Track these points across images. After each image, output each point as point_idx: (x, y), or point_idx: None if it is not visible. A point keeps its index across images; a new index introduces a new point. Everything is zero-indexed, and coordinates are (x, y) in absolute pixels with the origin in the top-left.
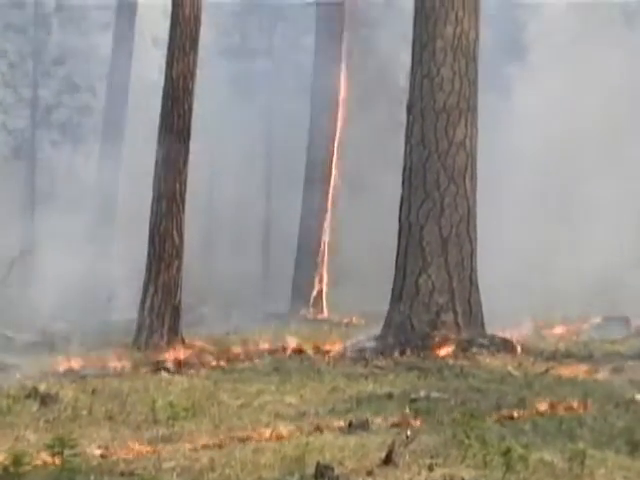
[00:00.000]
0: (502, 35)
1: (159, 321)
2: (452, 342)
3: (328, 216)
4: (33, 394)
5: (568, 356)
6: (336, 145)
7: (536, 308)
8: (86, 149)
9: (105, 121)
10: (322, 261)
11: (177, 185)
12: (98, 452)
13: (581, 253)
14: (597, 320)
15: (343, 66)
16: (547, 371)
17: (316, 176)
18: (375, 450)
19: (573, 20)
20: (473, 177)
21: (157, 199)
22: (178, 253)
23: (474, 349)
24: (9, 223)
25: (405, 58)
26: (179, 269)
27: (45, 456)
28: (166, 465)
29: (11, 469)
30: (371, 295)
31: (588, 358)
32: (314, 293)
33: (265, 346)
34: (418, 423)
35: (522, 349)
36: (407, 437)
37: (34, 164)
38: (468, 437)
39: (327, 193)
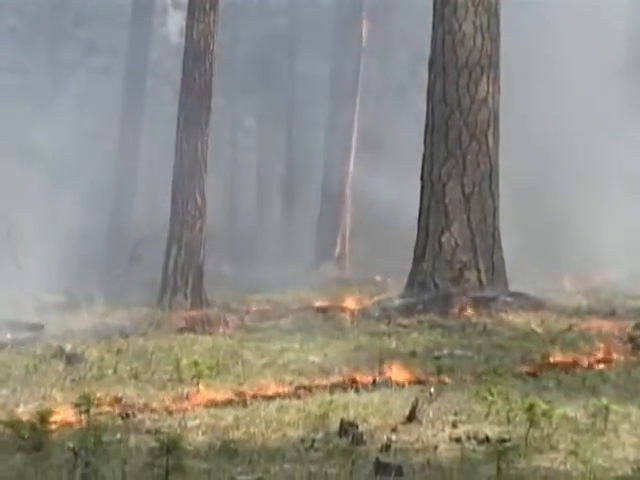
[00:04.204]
0: None
1: (183, 281)
2: (475, 299)
3: (350, 172)
4: (59, 354)
5: (591, 313)
6: (358, 101)
7: (559, 265)
8: (107, 110)
9: (126, 83)
10: (345, 220)
11: (199, 145)
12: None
13: (605, 213)
14: (620, 276)
15: (364, 23)
16: (570, 328)
17: (338, 132)
18: (399, 407)
19: None
20: (495, 134)
21: (179, 159)
22: (201, 213)
23: (497, 306)
24: (32, 185)
25: (427, 15)
26: (202, 229)
27: (72, 414)
28: (191, 423)
29: (38, 427)
30: (394, 254)
31: (611, 314)
32: (337, 252)
33: (288, 305)
34: (442, 380)
35: (545, 306)
36: (430, 394)
37: (56, 126)
38: (491, 394)
39: (349, 150)
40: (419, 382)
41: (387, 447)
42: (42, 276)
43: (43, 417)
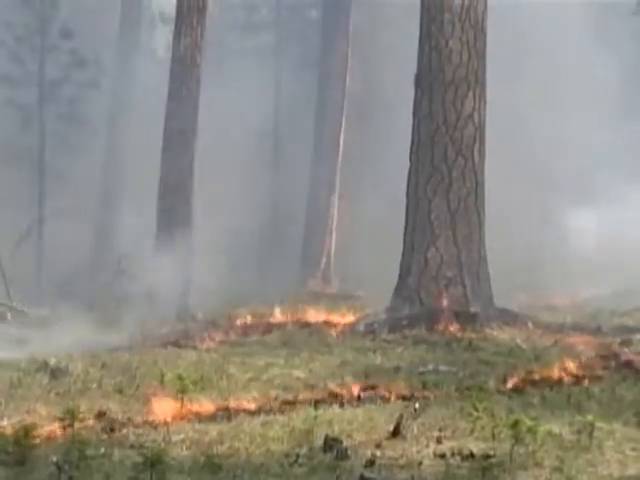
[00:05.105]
0: None
1: (169, 295)
2: (460, 315)
3: (336, 187)
4: (43, 367)
5: (576, 329)
6: (344, 117)
7: (544, 281)
8: (94, 124)
9: (113, 96)
10: (331, 234)
11: (185, 158)
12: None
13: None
14: (605, 292)
15: (350, 39)
16: (555, 344)
17: (324, 148)
18: (383, 423)
19: None
20: (481, 150)
21: (165, 173)
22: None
23: (482, 322)
24: (18, 198)
25: (413, 31)
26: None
27: (56, 428)
28: (175, 438)
29: (22, 441)
30: (380, 269)
31: (596, 331)
32: (322, 266)
33: (274, 320)
34: (426, 396)
35: (530, 321)
36: (415, 410)
37: (43, 139)
38: (476, 410)
39: (335, 166)
40: (404, 398)
41: (371, 463)
42: (28, 290)
43: (27, 431)
